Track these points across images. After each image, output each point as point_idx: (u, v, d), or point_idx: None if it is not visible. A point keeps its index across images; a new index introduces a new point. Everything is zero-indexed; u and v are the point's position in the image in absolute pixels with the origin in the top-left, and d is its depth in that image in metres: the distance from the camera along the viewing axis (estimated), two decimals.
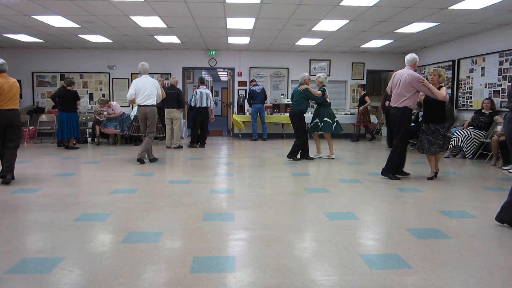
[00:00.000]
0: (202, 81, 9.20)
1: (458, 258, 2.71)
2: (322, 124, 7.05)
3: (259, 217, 3.63)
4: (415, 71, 5.39)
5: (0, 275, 2.37)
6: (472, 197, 4.56)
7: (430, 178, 5.49)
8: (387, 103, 8.67)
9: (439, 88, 5.31)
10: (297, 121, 7.11)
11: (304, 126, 7.18)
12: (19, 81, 11.03)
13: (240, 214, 3.74)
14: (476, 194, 4.70)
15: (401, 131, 5.39)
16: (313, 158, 7.22)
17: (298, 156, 7.21)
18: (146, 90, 6.61)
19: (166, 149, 8.73)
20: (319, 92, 7.01)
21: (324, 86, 7.15)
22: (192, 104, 9.02)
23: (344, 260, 2.65)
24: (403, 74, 5.36)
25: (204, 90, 9.00)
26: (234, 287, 2.27)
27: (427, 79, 6.35)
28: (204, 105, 8.95)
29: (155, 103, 6.74)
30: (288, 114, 8.78)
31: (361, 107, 10.64)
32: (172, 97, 8.71)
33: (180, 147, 8.94)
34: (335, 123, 7.10)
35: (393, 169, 5.51)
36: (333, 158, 7.31)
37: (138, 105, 6.68)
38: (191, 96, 9.26)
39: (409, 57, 5.46)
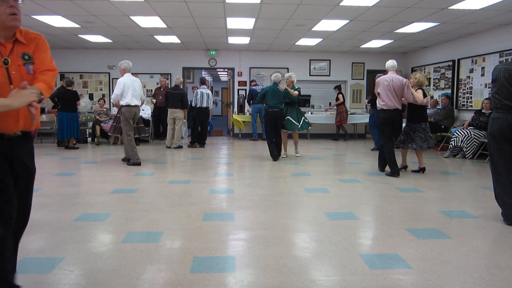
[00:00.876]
0: (203, 82, 9.22)
1: (458, 258, 2.71)
2: (307, 120, 7.45)
3: (259, 217, 3.63)
4: None
5: None
6: (472, 197, 4.56)
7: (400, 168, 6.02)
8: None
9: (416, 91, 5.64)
10: (282, 120, 7.13)
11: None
12: None
13: (240, 214, 3.74)
14: (476, 194, 4.70)
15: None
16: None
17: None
18: (135, 89, 6.45)
19: (166, 149, 8.73)
20: (296, 92, 7.13)
21: (294, 85, 7.37)
22: (193, 104, 9.07)
23: (344, 260, 2.65)
24: (394, 79, 5.60)
25: (204, 90, 9.02)
26: (234, 287, 2.28)
27: None
28: (204, 105, 8.97)
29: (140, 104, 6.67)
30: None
31: (332, 105, 11.25)
32: (176, 98, 8.72)
33: (180, 147, 8.94)
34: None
35: (383, 165, 5.95)
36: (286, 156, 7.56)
37: (129, 105, 6.40)
38: (192, 96, 9.28)
39: (392, 63, 5.78)
